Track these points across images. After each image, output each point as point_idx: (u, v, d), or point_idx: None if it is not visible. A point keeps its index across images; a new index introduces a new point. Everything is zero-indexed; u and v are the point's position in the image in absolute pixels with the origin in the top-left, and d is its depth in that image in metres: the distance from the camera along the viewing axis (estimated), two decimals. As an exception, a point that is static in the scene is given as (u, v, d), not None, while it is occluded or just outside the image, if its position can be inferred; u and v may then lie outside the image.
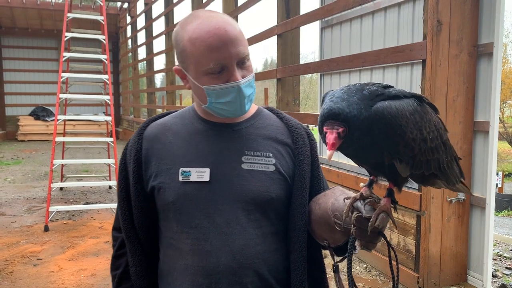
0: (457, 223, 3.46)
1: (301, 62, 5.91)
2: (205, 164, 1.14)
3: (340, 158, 5.25)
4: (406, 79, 4.50)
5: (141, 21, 15.78)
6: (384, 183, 1.10)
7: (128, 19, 17.09)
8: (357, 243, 1.03)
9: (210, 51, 1.06)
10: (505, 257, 4.58)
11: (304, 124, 1.30)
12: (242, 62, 1.11)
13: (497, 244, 5.08)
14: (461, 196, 3.41)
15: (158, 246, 1.22)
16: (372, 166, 1.05)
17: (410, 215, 3.57)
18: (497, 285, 3.73)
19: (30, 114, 17.11)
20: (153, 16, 13.95)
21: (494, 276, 3.87)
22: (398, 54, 3.63)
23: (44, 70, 18.03)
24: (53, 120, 16.08)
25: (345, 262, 1.12)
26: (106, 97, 6.63)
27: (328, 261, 1.26)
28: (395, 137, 0.95)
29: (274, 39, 5.89)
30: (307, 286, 1.19)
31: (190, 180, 1.13)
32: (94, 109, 17.59)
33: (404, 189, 1.09)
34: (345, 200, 1.07)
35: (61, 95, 5.87)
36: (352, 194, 1.09)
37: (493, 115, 3.30)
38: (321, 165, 1.31)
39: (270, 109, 1.31)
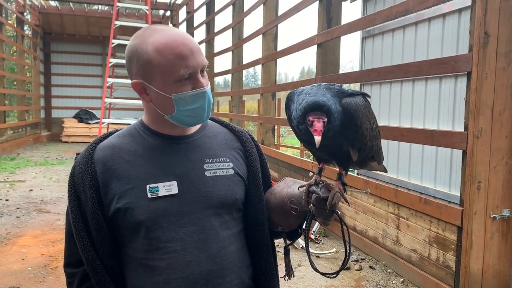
0: (501, 241, 3.34)
1: (340, 71, 5.89)
2: (171, 177, 1.16)
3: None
4: (449, 91, 4.41)
5: (182, 29, 16.18)
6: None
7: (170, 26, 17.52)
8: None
9: (180, 59, 1.10)
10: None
11: None
12: (203, 70, 1.16)
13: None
14: (506, 213, 3.30)
15: (123, 272, 1.19)
16: (330, 153, 1.22)
17: (451, 230, 3.48)
18: (542, 307, 3.57)
19: (74, 117, 17.80)
20: (195, 25, 14.26)
21: (539, 298, 3.70)
22: (442, 65, 3.57)
23: (88, 75, 18.75)
24: (95, 122, 16.70)
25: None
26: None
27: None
28: (355, 127, 1.13)
29: (312, 48, 5.91)
30: (275, 271, 1.30)
31: (159, 195, 1.14)
32: (135, 113, 18.12)
33: (445, 203, 1.19)
34: (299, 188, 1.22)
35: (106, 99, 6.11)
36: (303, 182, 1.24)
37: (542, 130, 3.18)
38: (359, 176, 1.37)
39: (212, 119, 1.37)
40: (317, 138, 1.05)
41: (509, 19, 3.21)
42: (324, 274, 1.28)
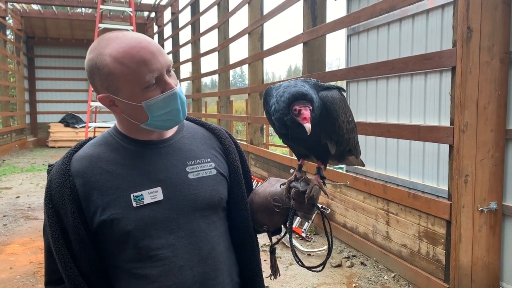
0: (489, 233, 3.38)
1: (326, 69, 5.91)
2: (155, 184, 1.13)
3: (368, 166, 5.20)
4: (435, 86, 4.45)
5: (168, 30, 16.10)
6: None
7: (155, 28, 17.44)
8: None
9: (143, 64, 1.05)
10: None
11: None
12: (169, 70, 1.12)
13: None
14: (493, 205, 3.34)
15: (110, 286, 1.16)
16: (309, 146, 1.22)
17: (440, 224, 3.51)
18: (531, 297, 3.62)
19: (60, 121, 17.61)
20: (180, 25, 14.19)
21: (528, 288, 3.75)
22: (427, 61, 3.60)
23: (74, 79, 18.55)
24: (81, 127, 16.54)
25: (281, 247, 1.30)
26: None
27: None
28: (332, 119, 1.15)
29: (298, 47, 5.92)
30: (260, 266, 1.31)
31: (144, 203, 1.11)
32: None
33: (433, 198, 1.19)
34: (281, 186, 1.24)
35: (92, 103, 6.05)
36: (286, 180, 1.26)
37: (526, 123, 3.22)
38: (348, 173, 1.37)
39: (187, 118, 1.33)
40: (307, 126, 1.05)
41: (491, 14, 3.24)
42: (304, 266, 1.28)
